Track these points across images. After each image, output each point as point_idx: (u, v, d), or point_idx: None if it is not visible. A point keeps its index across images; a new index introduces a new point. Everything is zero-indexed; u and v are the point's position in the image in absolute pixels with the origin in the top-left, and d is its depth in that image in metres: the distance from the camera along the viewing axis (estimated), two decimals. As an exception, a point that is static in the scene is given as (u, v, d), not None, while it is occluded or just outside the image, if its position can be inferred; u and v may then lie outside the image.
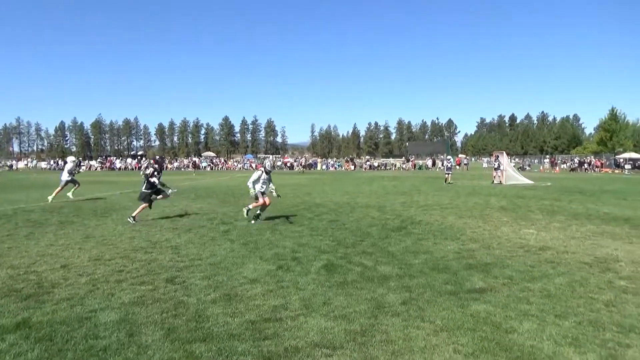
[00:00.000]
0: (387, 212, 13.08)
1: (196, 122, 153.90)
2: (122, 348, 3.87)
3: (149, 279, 6.03)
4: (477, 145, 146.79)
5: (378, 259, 7.12)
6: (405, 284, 5.78)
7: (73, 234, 9.47)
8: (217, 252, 7.65)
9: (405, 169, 59.72)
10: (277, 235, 9.27)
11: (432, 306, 4.93)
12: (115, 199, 17.49)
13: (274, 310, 4.83)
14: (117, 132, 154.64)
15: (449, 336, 4.12)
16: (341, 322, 4.47)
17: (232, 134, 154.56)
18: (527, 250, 7.81)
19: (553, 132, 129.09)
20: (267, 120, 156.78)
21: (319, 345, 3.93)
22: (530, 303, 5.03)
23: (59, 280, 5.98)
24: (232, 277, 6.10)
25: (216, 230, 9.95)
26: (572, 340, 4.03)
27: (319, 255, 7.44)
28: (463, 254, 7.53)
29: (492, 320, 4.49)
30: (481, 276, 6.12)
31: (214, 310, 4.83)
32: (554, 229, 9.92)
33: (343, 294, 5.36)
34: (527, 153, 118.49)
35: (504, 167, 27.47)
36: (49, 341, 4.01)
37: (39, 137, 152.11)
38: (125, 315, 4.65)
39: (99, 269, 6.57)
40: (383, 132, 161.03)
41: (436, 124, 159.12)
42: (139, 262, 6.95)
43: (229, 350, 3.84)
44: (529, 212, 12.81)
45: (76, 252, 7.66)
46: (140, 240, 8.77)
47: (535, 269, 6.50)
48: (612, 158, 59.46)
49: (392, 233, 9.48)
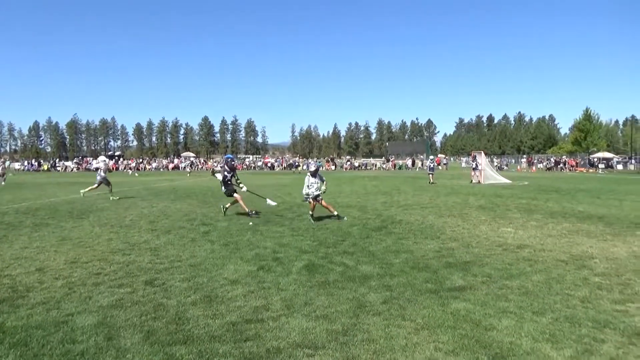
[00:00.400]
0: (368, 211, 13.13)
1: (175, 122, 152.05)
2: (100, 352, 3.80)
3: (127, 281, 5.94)
4: (456, 145, 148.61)
5: (359, 259, 7.15)
6: (386, 283, 5.81)
7: (48, 236, 9.26)
8: (198, 254, 7.57)
9: (385, 168, 60.14)
10: (257, 235, 9.22)
11: (413, 305, 4.97)
12: (92, 200, 17.15)
13: (255, 311, 4.81)
14: (94, 132, 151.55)
15: (429, 334, 4.16)
16: (323, 322, 4.48)
17: (212, 134, 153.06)
18: (505, 248, 7.94)
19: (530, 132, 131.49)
20: (247, 120, 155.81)
21: (301, 346, 3.92)
22: (509, 300, 5.11)
23: (34, 283, 5.83)
24: (212, 279, 6.04)
25: (196, 231, 9.85)
26: (549, 336, 4.11)
27: (300, 255, 7.43)
28: (443, 252, 7.62)
29: (472, 318, 4.55)
30: (461, 274, 6.20)
31: (195, 312, 4.78)
32: (531, 227, 10.10)
33: (324, 294, 5.36)
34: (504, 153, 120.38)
35: (482, 166, 27.87)
36: (24, 346, 3.91)
37: (12, 137, 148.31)
38: (103, 319, 4.56)
39: (76, 271, 6.43)
40: (363, 132, 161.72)
41: (416, 124, 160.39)
42: (117, 265, 6.84)
43: (210, 352, 3.80)
44: (507, 211, 13.02)
45: (52, 255, 7.49)
46: (118, 242, 8.62)
47: (513, 267, 6.61)
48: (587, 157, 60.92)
49: (373, 233, 9.53)
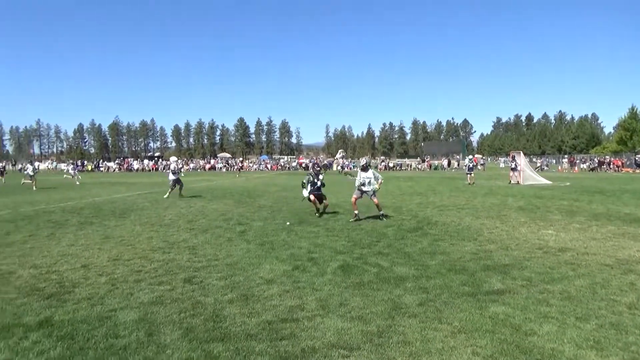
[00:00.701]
0: (403, 212, 13.02)
1: (211, 124, 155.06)
2: (141, 347, 3.92)
3: (167, 279, 6.10)
4: (493, 145, 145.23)
5: (394, 260, 7.09)
6: (422, 285, 5.75)
7: (93, 234, 9.63)
8: (234, 253, 7.70)
9: (420, 169, 59.41)
10: (292, 236, 9.29)
11: (450, 308, 4.89)
12: (133, 199, 17.71)
13: (291, 310, 4.85)
14: (134, 133, 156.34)
15: (467, 338, 4.09)
16: (358, 323, 4.47)
17: (247, 135, 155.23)
18: (546, 251, 7.70)
19: (571, 131, 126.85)
20: (281, 121, 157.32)
21: (336, 346, 3.93)
22: (550, 305, 4.96)
23: (79, 279, 6.08)
24: (248, 278, 6.13)
25: (232, 230, 10.01)
26: (593, 343, 3.97)
27: (335, 255, 7.44)
28: (480, 255, 7.46)
29: (511, 322, 4.45)
30: (499, 277, 6.06)
31: (231, 310, 4.86)
32: (574, 230, 9.76)
33: (359, 295, 5.35)
34: (544, 153, 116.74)
35: (521, 167, 27.13)
36: (70, 339, 4.09)
37: (59, 139, 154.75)
38: (144, 315, 4.71)
39: (118, 269, 6.67)
40: (398, 133, 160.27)
41: (452, 124, 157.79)
42: (157, 262, 7.04)
43: (246, 350, 3.86)
44: (548, 213, 12.63)
45: (96, 252, 7.79)
46: (158, 240, 8.87)
47: (555, 271, 6.41)
48: (633, 157, 58.28)
49: (408, 234, 9.44)
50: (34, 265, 6.92)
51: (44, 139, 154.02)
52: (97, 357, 3.74)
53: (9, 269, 6.65)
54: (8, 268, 6.73)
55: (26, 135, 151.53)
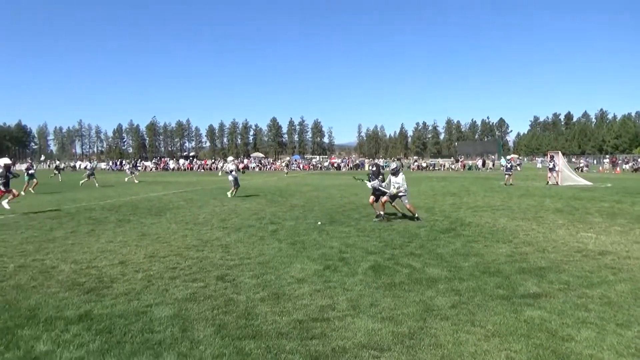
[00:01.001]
0: (435, 213, 12.85)
1: (245, 124, 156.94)
2: (175, 342, 4.02)
3: (200, 276, 6.23)
4: (530, 145, 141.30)
5: (426, 261, 7.01)
6: (455, 287, 5.66)
7: (130, 231, 9.93)
8: (266, 252, 7.79)
9: (454, 169, 58.45)
10: (324, 235, 9.31)
11: (483, 310, 4.80)
12: (169, 198, 18.14)
13: (322, 310, 4.86)
14: (171, 133, 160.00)
15: (501, 342, 4.00)
16: (389, 324, 4.44)
17: (280, 135, 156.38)
18: (585, 254, 7.45)
19: (613, 130, 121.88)
20: (314, 121, 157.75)
21: (367, 347, 3.91)
22: (589, 310, 4.80)
23: (117, 275, 6.28)
24: (280, 277, 6.19)
25: (265, 229, 10.12)
26: (635, 350, 3.81)
27: (366, 256, 7.41)
28: (516, 257, 7.29)
29: (548, 327, 4.32)
30: (535, 281, 5.90)
31: (263, 308, 4.92)
32: (615, 233, 9.40)
33: (390, 296, 5.31)
34: (584, 153, 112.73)
35: (560, 167, 26.30)
36: (108, 333, 4.23)
37: (99, 139, 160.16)
38: (178, 311, 4.82)
39: (154, 265, 6.85)
40: (431, 132, 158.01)
41: (486, 123, 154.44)
42: (192, 260, 7.19)
43: (277, 348, 3.90)
44: (587, 215, 12.20)
45: (133, 249, 8.03)
46: (192, 238, 9.06)
47: (594, 275, 6.19)
48: (680, 158, 55.60)
49: (441, 235, 9.31)
50: (75, 260, 7.19)
51: (85, 139, 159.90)
52: (133, 351, 3.85)
53: (52, 264, 6.94)
54: (51, 263, 7.02)
55: (69, 135, 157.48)
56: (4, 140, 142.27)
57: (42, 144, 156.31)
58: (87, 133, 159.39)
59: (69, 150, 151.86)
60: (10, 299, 5.24)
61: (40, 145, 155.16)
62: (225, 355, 3.76)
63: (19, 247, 8.24)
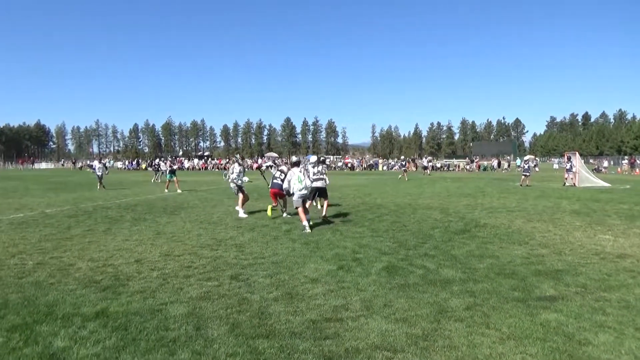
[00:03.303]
0: (450, 214, 12.75)
1: (259, 123, 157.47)
2: (190, 340, 4.05)
3: (214, 275, 6.27)
4: (546, 146, 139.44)
5: (441, 262, 6.96)
6: (469, 288, 5.61)
7: (146, 230, 10.03)
8: (279, 251, 7.81)
9: (469, 170, 57.93)
10: (337, 235, 9.31)
11: (498, 313, 4.75)
12: (183, 197, 18.29)
13: (335, 310, 4.86)
14: (185, 133, 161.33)
15: (516, 345, 3.96)
16: (402, 325, 4.42)
17: (294, 135, 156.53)
18: (603, 257, 7.33)
19: (633, 131, 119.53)
20: (327, 121, 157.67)
21: (380, 348, 3.90)
22: (607, 314, 4.72)
23: (133, 273, 6.36)
24: (293, 276, 6.20)
25: (278, 229, 10.15)
26: (654, 355, 3.74)
27: (380, 256, 7.39)
28: (532, 259, 7.20)
29: (564, 331, 4.26)
30: (552, 283, 5.82)
31: (276, 308, 4.93)
32: (634, 236, 9.22)
33: (404, 297, 5.29)
34: (602, 153, 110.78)
35: (577, 168, 25.90)
36: (124, 330, 4.28)
37: (116, 138, 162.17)
38: (192, 309, 4.86)
39: (169, 264, 6.92)
40: (446, 132, 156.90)
41: (502, 124, 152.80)
42: (206, 259, 7.25)
43: (290, 348, 3.91)
44: (606, 217, 12.00)
45: (148, 248, 8.11)
46: (206, 237, 9.12)
47: (612, 278, 6.08)
48: (702, 159, 54.28)
49: (455, 236, 9.23)
50: (92, 258, 7.29)
51: (102, 139, 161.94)
52: (149, 348, 3.90)
53: (70, 262, 7.05)
54: (69, 260, 7.13)
55: (86, 134, 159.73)
56: (24, 140, 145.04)
57: (60, 143, 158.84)
58: (104, 133, 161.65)
59: (87, 149, 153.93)
60: (29, 295, 5.34)
61: (58, 145, 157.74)
62: (238, 354, 3.78)
63: (38, 244, 8.39)
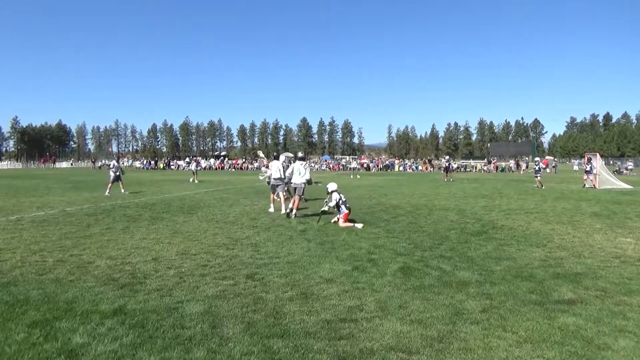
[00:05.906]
0: (466, 215, 12.63)
1: (275, 124, 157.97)
2: (205, 339, 4.08)
3: (230, 274, 6.31)
4: (566, 147, 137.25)
5: (457, 264, 6.90)
6: (486, 291, 5.55)
7: (163, 229, 10.15)
8: (295, 251, 7.82)
9: (486, 171, 57.27)
10: (353, 236, 9.29)
11: (515, 316, 4.69)
12: (200, 197, 18.45)
13: (350, 310, 4.85)
14: (203, 133, 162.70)
15: (533, 348, 3.90)
16: (417, 326, 4.40)
17: (310, 135, 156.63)
18: (624, 260, 7.18)
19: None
20: (344, 121, 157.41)
21: (395, 349, 3.88)
22: (627, 318, 4.62)
23: (150, 271, 6.44)
24: (308, 276, 6.21)
25: (294, 229, 10.17)
26: (676, 362, 3.66)
27: (396, 257, 7.36)
28: (550, 262, 7.09)
29: (583, 335, 4.19)
30: (570, 286, 5.73)
31: (291, 307, 4.95)
32: (657, 239, 9.03)
33: (420, 298, 5.26)
34: (623, 155, 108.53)
35: (597, 170, 25.43)
36: (141, 328, 4.34)
37: (134, 138, 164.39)
38: (208, 308, 4.90)
39: (186, 262, 6.99)
40: (463, 133, 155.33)
41: (520, 124, 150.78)
42: (222, 258, 7.30)
43: (305, 347, 3.91)
44: (627, 219, 11.77)
45: (165, 246, 8.21)
46: (222, 237, 9.19)
47: (633, 282, 5.95)
48: None
49: (472, 237, 9.15)
50: (110, 256, 7.41)
51: (121, 138, 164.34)
52: (165, 345, 3.94)
53: (89, 259, 7.17)
54: (88, 258, 7.25)
55: (106, 134, 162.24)
56: (45, 139, 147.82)
57: (81, 142, 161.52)
58: (123, 132, 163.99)
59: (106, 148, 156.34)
60: (50, 292, 5.45)
61: (78, 144, 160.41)
62: (253, 353, 3.80)
63: (58, 242, 8.55)
